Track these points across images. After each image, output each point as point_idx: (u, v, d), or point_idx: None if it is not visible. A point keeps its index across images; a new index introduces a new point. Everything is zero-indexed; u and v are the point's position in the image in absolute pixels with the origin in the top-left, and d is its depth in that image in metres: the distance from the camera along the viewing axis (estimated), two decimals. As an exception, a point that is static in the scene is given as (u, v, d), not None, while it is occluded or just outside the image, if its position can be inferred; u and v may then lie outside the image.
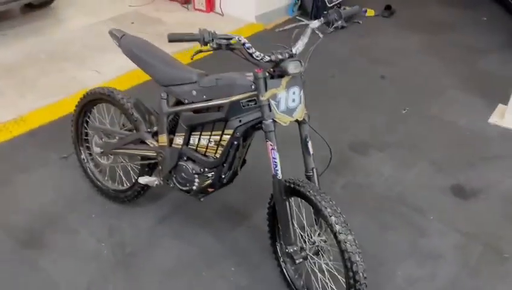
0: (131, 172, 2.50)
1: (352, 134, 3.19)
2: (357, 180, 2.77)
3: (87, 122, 2.54)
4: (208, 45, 1.61)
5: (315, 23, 1.84)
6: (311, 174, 1.85)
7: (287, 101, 1.74)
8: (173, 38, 1.61)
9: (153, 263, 2.23)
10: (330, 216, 1.64)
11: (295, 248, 1.84)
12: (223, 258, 2.25)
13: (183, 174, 2.10)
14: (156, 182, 2.23)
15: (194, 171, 2.06)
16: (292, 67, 1.67)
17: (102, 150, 2.41)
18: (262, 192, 2.13)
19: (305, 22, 5.19)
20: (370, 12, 5.35)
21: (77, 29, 4.75)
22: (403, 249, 2.31)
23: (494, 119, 3.36)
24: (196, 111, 1.96)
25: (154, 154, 2.17)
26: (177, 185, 2.16)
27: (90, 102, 2.42)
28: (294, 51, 1.75)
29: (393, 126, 3.30)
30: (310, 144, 1.84)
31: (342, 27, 1.80)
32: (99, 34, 4.53)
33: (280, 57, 1.71)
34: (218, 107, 1.88)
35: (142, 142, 2.21)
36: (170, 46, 2.04)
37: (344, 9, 1.96)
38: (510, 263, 2.23)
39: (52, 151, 2.95)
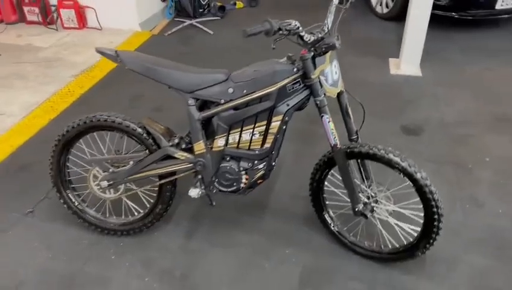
0: (142, 198, 2.31)
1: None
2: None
3: (68, 159, 2.25)
4: (277, 33, 1.66)
5: (336, 0, 1.99)
6: (355, 137, 2.04)
7: (332, 75, 1.90)
8: (250, 33, 1.61)
9: (211, 276, 2.14)
10: (403, 162, 1.87)
11: (362, 205, 2.04)
12: (271, 246, 2.29)
13: (227, 175, 2.07)
14: (200, 193, 2.13)
15: (241, 169, 2.05)
16: (337, 42, 1.82)
17: (111, 182, 2.17)
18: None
19: (188, 21, 5.28)
20: (239, 5, 5.66)
21: None
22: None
23: (393, 71, 4.03)
24: (236, 108, 1.95)
25: (189, 165, 2.07)
26: (222, 188, 2.11)
27: (77, 136, 2.15)
28: (327, 27, 1.90)
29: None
30: (350, 111, 2.03)
31: (351, 2, 2.00)
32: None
33: (320, 35, 1.84)
34: (260, 99, 1.91)
35: (168, 158, 2.08)
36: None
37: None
38: (476, 170, 2.80)
39: (7, 211, 2.49)
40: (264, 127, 1.97)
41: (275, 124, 1.95)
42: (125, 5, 4.62)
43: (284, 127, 1.96)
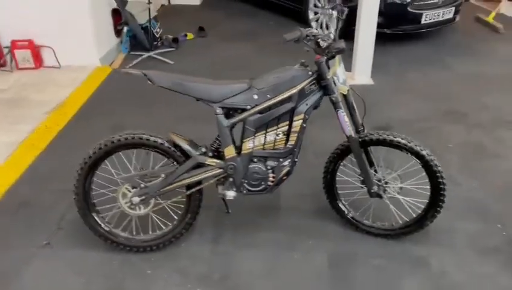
0: (169, 211, 2.39)
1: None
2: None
3: (93, 182, 2.29)
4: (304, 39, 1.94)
5: (334, 13, 2.30)
6: (361, 128, 2.33)
7: (342, 74, 2.19)
8: (288, 39, 1.88)
9: (247, 273, 2.28)
10: (409, 143, 2.19)
11: (376, 187, 2.32)
12: (294, 240, 2.47)
13: (256, 175, 2.25)
14: (233, 195, 2.27)
15: (269, 168, 2.24)
16: (345, 45, 2.12)
17: (143, 197, 2.24)
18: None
19: (146, 54, 5.43)
20: (190, 36, 5.90)
21: None
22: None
23: (349, 82, 4.45)
24: (261, 112, 2.16)
25: (219, 170, 2.22)
26: (251, 188, 2.28)
27: (103, 156, 2.21)
28: (333, 35, 2.19)
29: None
30: (355, 106, 2.31)
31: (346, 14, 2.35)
32: None
33: (329, 41, 2.13)
34: (282, 101, 2.15)
35: (198, 166, 2.22)
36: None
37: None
38: (445, 155, 3.22)
39: (21, 247, 2.44)
40: (287, 127, 2.19)
41: (297, 122, 2.18)
42: (83, 42, 4.65)
43: (304, 125, 2.20)
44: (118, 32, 5.31)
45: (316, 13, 5.80)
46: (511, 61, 5.04)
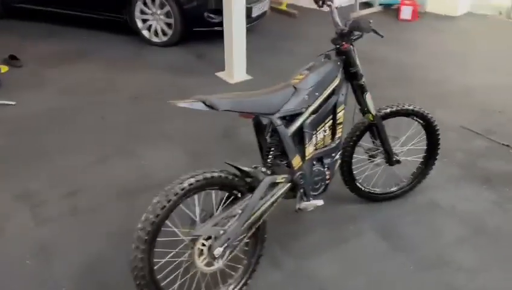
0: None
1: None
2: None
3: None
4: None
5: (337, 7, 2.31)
6: (366, 108, 2.49)
7: (359, 62, 2.31)
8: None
9: (337, 278, 2.22)
10: (415, 108, 2.49)
11: (396, 157, 2.55)
12: (339, 229, 2.52)
13: (317, 178, 2.18)
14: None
15: (326, 166, 2.19)
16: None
17: (225, 244, 1.84)
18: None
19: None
20: (4, 69, 4.74)
21: None
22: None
23: (231, 80, 4.51)
24: (314, 112, 2.07)
25: (289, 185, 2.04)
26: (314, 193, 2.20)
27: (169, 211, 1.75)
28: (344, 24, 2.23)
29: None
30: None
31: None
32: None
33: (348, 28, 2.18)
34: (329, 96, 2.13)
35: (271, 187, 1.98)
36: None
37: None
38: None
39: None
40: (331, 121, 2.18)
41: (340, 114, 2.21)
42: None
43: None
44: None
45: (145, 20, 5.51)
46: (322, 40, 5.96)
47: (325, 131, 2.17)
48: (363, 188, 2.65)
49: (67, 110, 3.88)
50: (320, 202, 2.20)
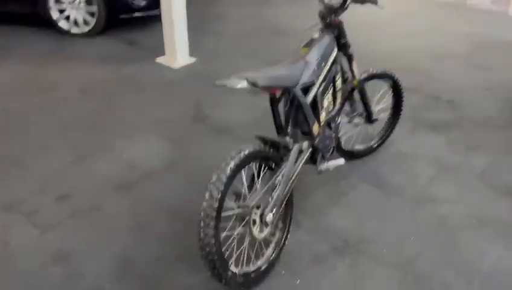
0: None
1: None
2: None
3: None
4: None
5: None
6: (352, 76, 2.76)
7: (345, 34, 2.56)
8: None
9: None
10: (388, 71, 2.83)
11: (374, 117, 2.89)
12: (338, 184, 2.79)
13: (327, 141, 2.41)
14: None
15: (333, 129, 2.43)
16: None
17: (274, 210, 1.99)
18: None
19: None
20: None
21: None
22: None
23: (175, 65, 4.47)
24: (321, 82, 2.28)
25: (310, 149, 2.24)
26: (327, 154, 2.41)
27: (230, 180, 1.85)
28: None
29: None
30: None
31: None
32: None
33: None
34: (332, 65, 2.36)
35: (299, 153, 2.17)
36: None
37: None
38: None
39: None
40: (332, 88, 2.42)
41: (338, 81, 2.46)
42: None
43: None
44: None
45: (62, 11, 5.13)
46: (247, 20, 6.14)
47: (329, 98, 2.40)
48: (345, 149, 2.95)
49: (14, 113, 3.56)
50: (341, 161, 2.44)
